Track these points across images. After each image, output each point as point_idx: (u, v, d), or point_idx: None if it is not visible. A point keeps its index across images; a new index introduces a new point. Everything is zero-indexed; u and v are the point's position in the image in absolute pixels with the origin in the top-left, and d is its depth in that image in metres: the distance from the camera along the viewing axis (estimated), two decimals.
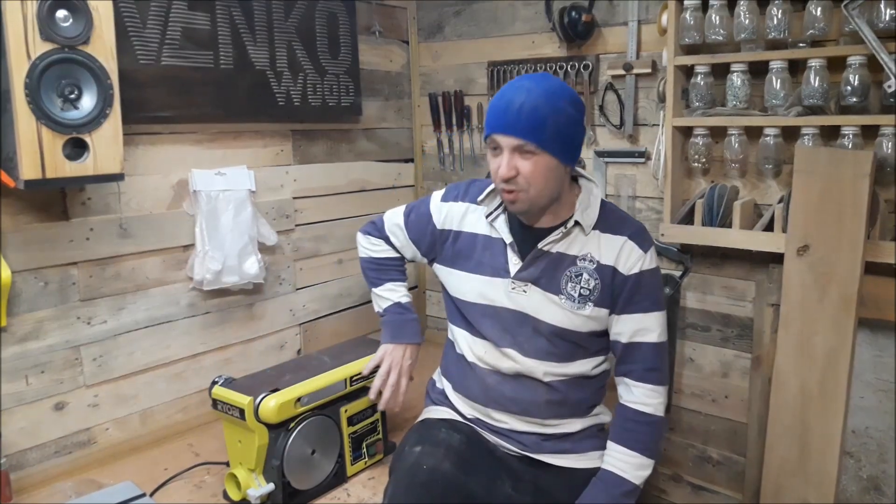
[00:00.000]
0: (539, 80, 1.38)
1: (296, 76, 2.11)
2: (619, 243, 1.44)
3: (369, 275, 1.74)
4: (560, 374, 1.49)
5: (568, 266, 1.45)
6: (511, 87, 1.38)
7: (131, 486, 1.59)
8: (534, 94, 1.33)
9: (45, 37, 1.37)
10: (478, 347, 1.54)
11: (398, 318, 1.68)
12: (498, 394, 1.52)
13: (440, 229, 1.60)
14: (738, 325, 2.00)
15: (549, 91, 1.35)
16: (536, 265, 1.47)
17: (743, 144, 1.84)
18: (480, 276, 1.52)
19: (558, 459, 1.52)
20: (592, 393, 1.55)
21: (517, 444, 1.53)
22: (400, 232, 1.68)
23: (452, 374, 1.63)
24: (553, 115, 1.33)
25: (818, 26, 1.66)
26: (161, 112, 1.81)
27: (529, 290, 1.47)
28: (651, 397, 1.45)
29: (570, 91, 1.39)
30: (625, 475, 1.43)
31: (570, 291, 1.45)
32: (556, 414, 1.51)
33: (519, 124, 1.33)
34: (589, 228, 1.45)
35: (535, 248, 1.46)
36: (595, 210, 1.47)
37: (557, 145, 1.35)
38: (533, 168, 1.36)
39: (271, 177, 2.14)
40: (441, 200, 1.62)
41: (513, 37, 2.33)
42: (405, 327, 1.67)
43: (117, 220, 1.78)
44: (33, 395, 1.66)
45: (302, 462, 1.58)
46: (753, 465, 1.96)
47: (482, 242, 1.53)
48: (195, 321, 1.98)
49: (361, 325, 2.48)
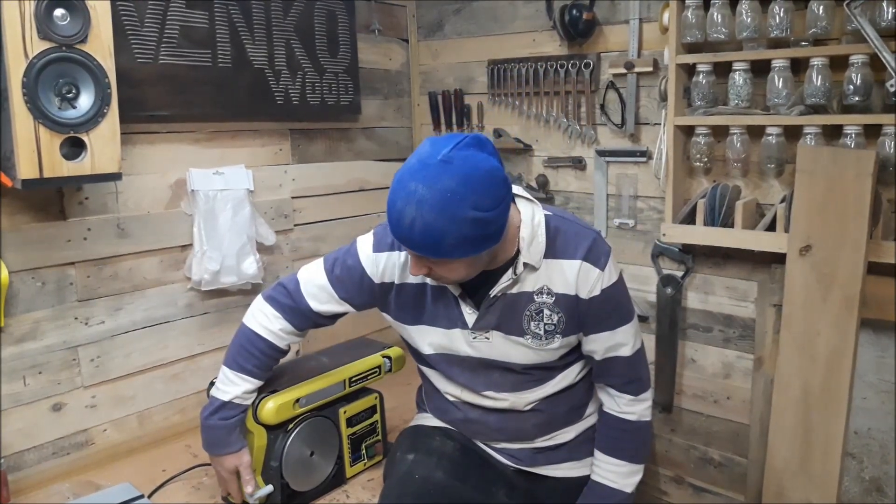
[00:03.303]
0: (433, 181, 1.13)
1: (294, 75, 2.10)
2: (574, 269, 1.33)
3: (231, 347, 1.49)
4: (540, 398, 1.45)
5: (526, 304, 1.35)
6: (402, 191, 1.15)
7: (129, 488, 1.59)
8: (424, 209, 1.12)
9: (43, 35, 1.36)
10: (454, 389, 1.48)
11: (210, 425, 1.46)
12: (482, 426, 1.49)
13: (378, 283, 1.43)
14: (740, 326, 1.99)
15: (443, 201, 1.12)
16: (493, 311, 1.36)
17: (745, 144, 1.83)
18: (437, 328, 1.41)
19: (553, 470, 1.51)
20: (580, 396, 1.52)
21: (510, 458, 1.51)
22: (323, 293, 1.46)
23: (433, 407, 1.57)
24: (452, 229, 1.13)
25: (820, 25, 1.65)
26: (159, 111, 1.80)
27: (492, 337, 1.38)
28: (634, 405, 1.43)
29: (474, 183, 1.13)
30: (615, 485, 1.42)
31: (534, 330, 1.36)
32: (546, 432, 1.49)
33: (412, 242, 1.17)
34: (539, 263, 1.33)
35: (488, 297, 1.35)
36: (541, 240, 1.33)
37: (466, 249, 1.18)
38: (444, 270, 1.24)
39: (270, 176, 2.13)
40: (374, 251, 1.43)
41: (513, 35, 2.32)
42: (220, 437, 1.46)
43: (115, 220, 1.77)
44: (31, 395, 1.66)
45: (301, 463, 1.57)
46: (755, 467, 1.95)
47: (431, 293, 1.40)
48: (193, 322, 1.97)
49: (360, 326, 2.47)
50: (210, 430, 1.46)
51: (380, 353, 1.75)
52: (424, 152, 1.18)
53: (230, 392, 1.45)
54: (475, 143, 1.19)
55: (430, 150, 1.17)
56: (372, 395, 1.74)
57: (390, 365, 1.74)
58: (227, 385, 1.45)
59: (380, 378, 1.73)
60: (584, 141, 2.21)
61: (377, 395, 1.76)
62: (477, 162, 1.16)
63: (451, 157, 1.15)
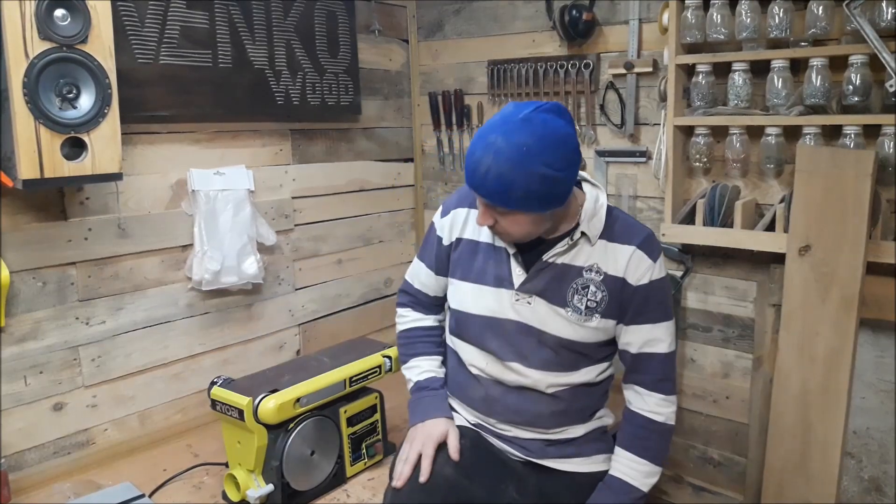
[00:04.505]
0: (511, 134, 1.22)
1: (295, 75, 2.11)
2: (627, 253, 1.39)
3: (399, 351, 1.67)
4: (564, 384, 1.46)
5: (574, 278, 1.40)
6: (481, 142, 1.25)
7: (130, 487, 1.59)
8: (501, 158, 1.21)
9: (44, 36, 1.37)
10: (480, 360, 1.50)
11: (416, 400, 1.56)
12: (501, 405, 1.49)
13: (447, 244, 1.54)
14: (740, 326, 2.00)
15: (518, 153, 1.21)
16: (541, 277, 1.41)
17: (744, 144, 1.84)
18: (483, 286, 1.46)
19: (562, 464, 1.51)
20: (596, 399, 1.53)
21: (521, 449, 1.51)
22: (425, 276, 1.60)
23: (454, 383, 1.59)
24: (522, 180, 1.22)
25: (820, 25, 1.65)
26: (159, 111, 1.80)
27: (534, 302, 1.42)
28: (663, 406, 1.44)
29: (548, 143, 1.23)
30: (633, 482, 1.42)
31: (576, 304, 1.40)
32: (560, 423, 1.49)
33: (485, 188, 1.26)
34: (595, 238, 1.39)
35: (540, 260, 1.41)
36: (601, 219, 1.40)
37: (532, 203, 1.26)
38: (510, 222, 1.31)
39: (270, 176, 2.14)
40: (441, 217, 1.56)
41: (513, 35, 2.32)
42: (423, 406, 1.54)
43: (116, 220, 1.77)
44: (32, 395, 1.66)
45: (301, 463, 1.57)
46: (755, 466, 1.96)
47: (484, 251, 1.48)
48: (194, 321, 1.97)
49: (361, 326, 2.48)
50: (419, 401, 1.55)
51: (380, 353, 1.75)
52: (508, 111, 1.28)
53: (413, 375, 1.59)
54: (555, 110, 1.28)
55: (514, 110, 1.27)
56: (372, 395, 1.75)
57: (391, 365, 1.74)
58: (409, 372, 1.61)
59: (380, 378, 1.74)
60: (583, 141, 2.21)
61: (377, 394, 1.76)
62: (554, 125, 1.25)
63: (531, 117, 1.24)
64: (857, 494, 1.81)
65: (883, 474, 1.78)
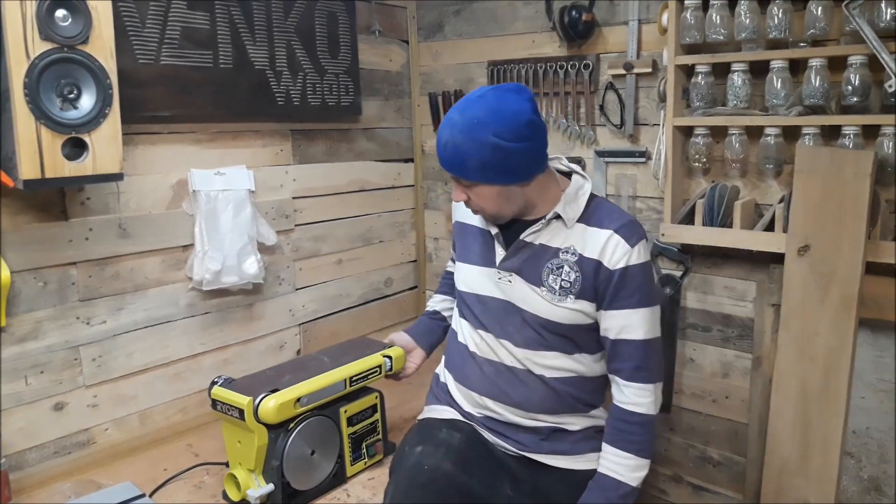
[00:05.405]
0: (466, 109, 1.35)
1: (295, 76, 2.11)
2: (604, 237, 1.42)
3: None
4: (554, 367, 1.48)
5: (550, 258, 1.46)
6: (445, 121, 1.39)
7: (130, 487, 1.59)
8: (455, 130, 1.34)
9: (45, 36, 1.37)
10: (476, 337, 1.57)
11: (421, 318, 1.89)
12: (494, 385, 1.53)
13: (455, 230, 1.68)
14: (739, 326, 2.00)
15: (470, 124, 1.32)
16: (519, 256, 1.49)
17: (743, 144, 1.84)
18: (473, 265, 1.58)
19: (557, 460, 1.52)
20: (590, 393, 1.54)
21: (515, 443, 1.52)
22: (451, 261, 1.79)
23: (454, 363, 1.65)
24: (474, 150, 1.32)
25: (819, 26, 1.66)
26: (160, 112, 1.81)
27: (514, 280, 1.50)
28: (641, 396, 1.44)
29: (499, 116, 1.32)
30: (621, 478, 1.43)
31: (550, 283, 1.45)
32: (553, 410, 1.50)
33: (445, 160, 1.38)
34: (571, 222, 1.45)
35: (518, 239, 1.48)
36: (580, 204, 1.46)
37: (490, 175, 1.36)
38: (476, 195, 1.41)
39: (271, 177, 2.14)
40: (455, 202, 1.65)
41: (513, 36, 2.33)
42: (418, 326, 1.85)
43: (116, 220, 1.78)
44: (32, 395, 1.66)
45: (301, 462, 1.58)
46: (754, 466, 1.96)
47: (473, 233, 1.59)
48: (194, 321, 1.98)
49: (361, 326, 2.48)
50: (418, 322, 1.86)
51: (380, 353, 1.75)
52: (471, 92, 1.41)
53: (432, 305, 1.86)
54: (514, 89, 1.38)
55: (476, 91, 1.40)
56: (372, 395, 1.75)
57: (391, 364, 1.74)
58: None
59: (380, 377, 1.74)
60: (583, 141, 2.21)
61: (378, 394, 1.76)
62: (507, 101, 1.34)
63: (486, 94, 1.36)
64: (856, 494, 1.81)
65: (882, 474, 1.78)
